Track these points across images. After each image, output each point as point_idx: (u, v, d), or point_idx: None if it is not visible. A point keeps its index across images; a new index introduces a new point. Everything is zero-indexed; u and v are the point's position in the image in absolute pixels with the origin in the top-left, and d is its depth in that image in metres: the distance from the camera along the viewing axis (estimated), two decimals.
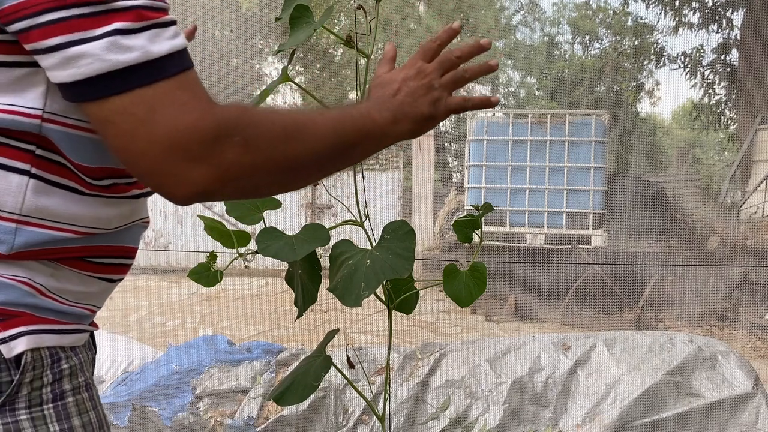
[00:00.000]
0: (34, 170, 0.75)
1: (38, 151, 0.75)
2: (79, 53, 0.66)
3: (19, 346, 0.75)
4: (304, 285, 1.15)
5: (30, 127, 0.74)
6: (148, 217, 0.95)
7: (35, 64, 0.72)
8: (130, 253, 0.91)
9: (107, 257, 0.86)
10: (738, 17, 8.68)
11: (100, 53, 0.66)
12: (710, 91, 9.30)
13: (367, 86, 1.16)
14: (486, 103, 0.95)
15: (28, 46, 0.69)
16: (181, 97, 0.69)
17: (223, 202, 1.15)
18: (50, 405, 0.77)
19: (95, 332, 0.96)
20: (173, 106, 0.68)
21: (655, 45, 9.42)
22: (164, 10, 0.72)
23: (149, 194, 0.92)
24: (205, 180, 0.70)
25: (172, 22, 0.72)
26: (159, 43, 0.69)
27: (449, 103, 0.89)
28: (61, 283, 0.81)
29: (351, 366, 1.38)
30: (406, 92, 0.86)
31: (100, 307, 0.90)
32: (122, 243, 0.88)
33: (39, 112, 0.74)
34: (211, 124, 0.69)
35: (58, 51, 0.67)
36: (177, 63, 0.71)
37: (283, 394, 1.13)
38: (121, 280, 0.92)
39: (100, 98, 0.68)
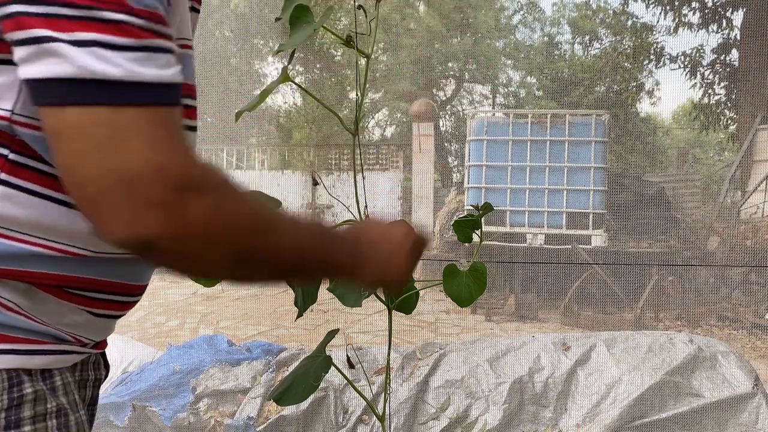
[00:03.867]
0: (3, 176, 0.69)
1: (11, 156, 0.69)
2: (51, 49, 0.60)
3: None
4: (304, 285, 1.15)
5: (3, 128, 0.69)
6: None
7: (11, 62, 0.66)
8: (129, 290, 0.82)
9: (93, 291, 0.77)
10: (738, 17, 8.69)
11: (73, 56, 0.60)
12: (710, 91, 9.30)
13: (367, 86, 1.16)
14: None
15: (6, 36, 0.63)
16: (154, 133, 0.61)
17: None
18: None
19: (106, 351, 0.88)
20: (142, 139, 0.60)
21: (655, 45, 9.42)
22: (161, 34, 0.65)
23: None
24: (155, 228, 0.60)
25: (167, 50, 0.65)
26: (144, 67, 0.62)
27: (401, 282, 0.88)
28: (35, 304, 0.73)
29: (351, 366, 1.37)
30: (397, 262, 0.84)
31: (94, 340, 0.81)
32: (116, 278, 0.79)
33: (8, 114, 0.68)
34: (181, 171, 0.61)
35: (34, 44, 0.60)
36: (159, 95, 0.63)
37: (283, 394, 1.13)
38: (115, 317, 0.82)
39: (58, 105, 0.60)
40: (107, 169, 0.59)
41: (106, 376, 0.91)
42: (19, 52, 0.62)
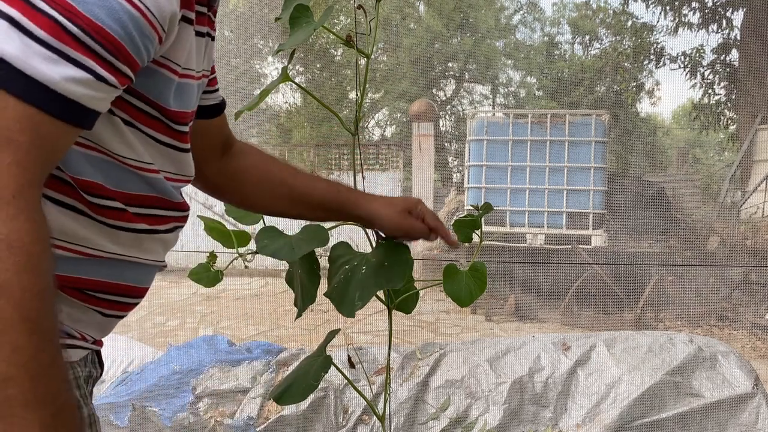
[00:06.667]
0: None
1: None
2: None
3: None
4: (303, 285, 1.15)
5: None
6: (164, 261, 0.89)
7: None
8: (135, 293, 0.85)
9: (105, 293, 0.80)
10: (738, 17, 8.69)
11: None
12: (710, 91, 9.30)
13: (367, 86, 1.16)
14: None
15: None
16: (17, 132, 0.56)
17: (223, 203, 1.14)
18: None
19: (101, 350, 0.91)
20: (4, 131, 0.56)
21: (655, 45, 9.42)
22: (98, 57, 0.60)
23: (161, 232, 0.85)
24: None
25: (95, 74, 0.60)
26: (44, 65, 0.57)
27: None
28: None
29: (351, 366, 1.37)
30: None
31: (95, 339, 0.84)
32: (124, 281, 0.82)
33: None
34: (19, 182, 0.56)
35: None
36: (46, 100, 0.57)
37: (283, 394, 1.13)
38: (120, 317, 0.86)
39: None
40: None
41: (101, 375, 0.93)
42: None
